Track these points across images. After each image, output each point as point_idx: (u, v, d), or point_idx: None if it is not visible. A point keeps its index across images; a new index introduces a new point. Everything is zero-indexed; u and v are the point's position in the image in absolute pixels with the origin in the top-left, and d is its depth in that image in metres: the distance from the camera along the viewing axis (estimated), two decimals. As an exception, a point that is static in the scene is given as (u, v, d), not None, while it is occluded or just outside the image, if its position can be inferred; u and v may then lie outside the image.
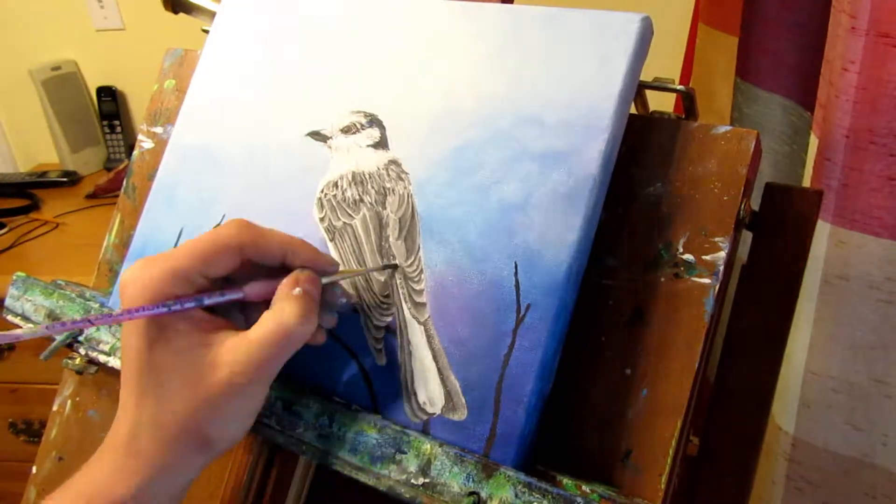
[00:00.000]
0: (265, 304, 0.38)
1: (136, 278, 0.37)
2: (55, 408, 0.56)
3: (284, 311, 0.37)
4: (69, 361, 0.51)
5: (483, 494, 0.37)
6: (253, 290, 0.39)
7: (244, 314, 0.40)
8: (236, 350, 0.36)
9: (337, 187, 0.46)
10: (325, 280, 0.40)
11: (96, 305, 0.50)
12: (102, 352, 0.49)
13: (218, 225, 0.49)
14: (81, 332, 0.49)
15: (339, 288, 0.43)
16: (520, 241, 0.41)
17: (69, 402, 0.56)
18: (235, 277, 0.39)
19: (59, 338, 0.49)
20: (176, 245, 0.49)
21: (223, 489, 0.46)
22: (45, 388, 1.31)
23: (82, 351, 0.49)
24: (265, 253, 0.39)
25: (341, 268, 0.44)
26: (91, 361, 0.50)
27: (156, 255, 0.38)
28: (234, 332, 0.38)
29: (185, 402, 0.36)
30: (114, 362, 0.48)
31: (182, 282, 0.37)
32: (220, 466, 0.47)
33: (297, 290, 0.38)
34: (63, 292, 0.52)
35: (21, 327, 0.47)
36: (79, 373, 0.50)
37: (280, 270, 0.39)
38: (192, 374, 0.36)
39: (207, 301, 0.37)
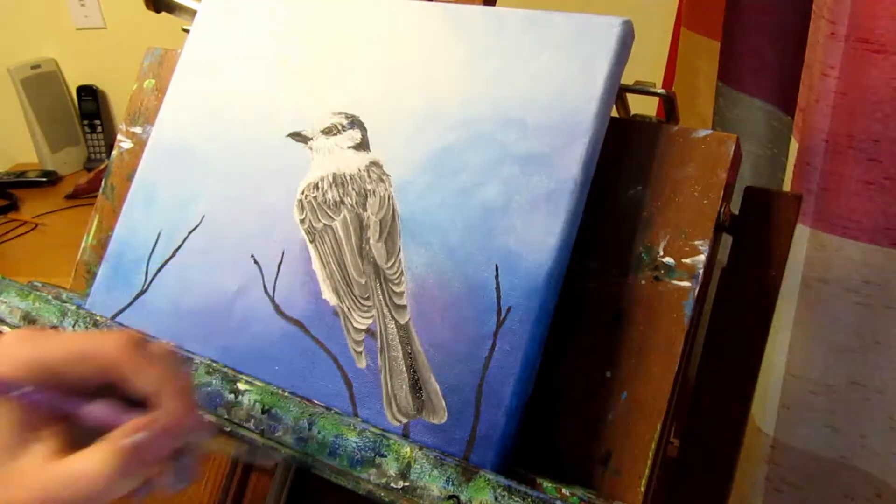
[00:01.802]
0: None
1: (7, 349, 0.34)
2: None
3: (96, 458, 0.32)
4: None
5: (463, 498, 0.37)
6: (93, 410, 0.34)
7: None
8: (38, 479, 0.32)
9: (317, 189, 0.45)
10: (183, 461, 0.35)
11: (73, 307, 0.50)
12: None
13: (195, 228, 0.48)
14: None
15: (189, 460, 0.35)
16: (500, 243, 0.41)
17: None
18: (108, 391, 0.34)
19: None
20: (154, 247, 0.49)
21: (201, 493, 0.46)
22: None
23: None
24: (140, 385, 0.34)
25: None
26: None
27: (44, 332, 0.35)
28: (59, 446, 0.33)
29: None
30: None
31: (45, 373, 0.33)
32: (202, 469, 0.46)
33: (128, 440, 0.32)
34: (39, 294, 0.51)
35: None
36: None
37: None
38: None
39: (28, 393, 0.33)
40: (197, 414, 0.35)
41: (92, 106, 1.68)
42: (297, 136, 0.47)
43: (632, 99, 0.48)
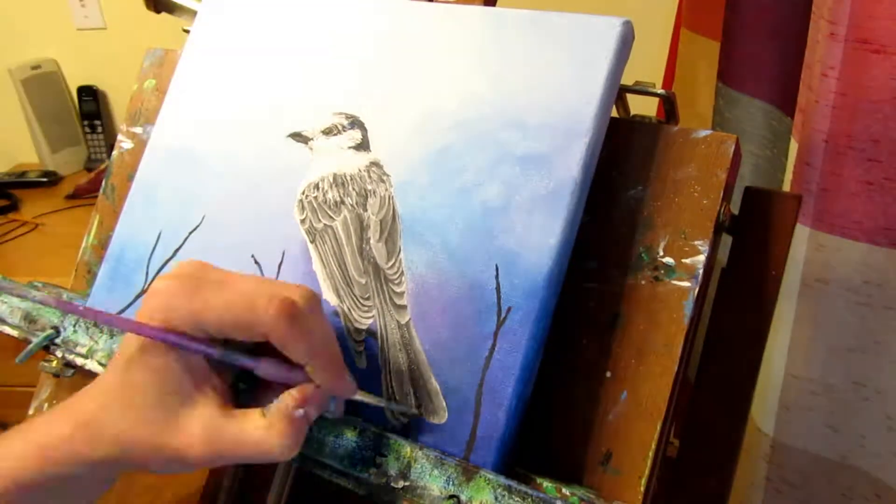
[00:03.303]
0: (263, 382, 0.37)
1: (162, 296, 0.36)
2: (31, 411, 0.56)
3: (275, 429, 0.35)
4: (46, 364, 0.50)
5: (463, 497, 0.37)
6: (266, 369, 0.37)
7: (247, 390, 0.39)
8: (208, 430, 0.35)
9: (318, 189, 0.45)
10: (329, 414, 0.39)
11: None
12: (80, 354, 0.48)
13: (196, 228, 0.48)
14: (59, 334, 0.49)
15: (337, 402, 0.39)
16: (501, 243, 0.41)
17: (46, 405, 0.55)
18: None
19: (35, 340, 0.49)
20: (153, 249, 0.49)
21: (202, 493, 0.46)
22: (22, 391, 1.29)
23: (59, 354, 0.49)
24: (291, 353, 0.36)
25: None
26: (68, 364, 0.49)
27: (194, 280, 0.36)
28: (220, 402, 0.36)
29: (138, 435, 0.35)
30: (91, 365, 0.47)
31: (198, 329, 0.35)
32: (200, 469, 0.46)
33: (300, 412, 0.36)
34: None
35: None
36: (56, 376, 0.50)
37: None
38: (160, 416, 0.35)
39: (216, 355, 0.36)
40: (347, 380, 0.38)
41: (92, 106, 1.68)
42: (298, 137, 0.47)
43: (632, 99, 0.48)
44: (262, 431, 0.35)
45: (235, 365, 0.37)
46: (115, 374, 0.37)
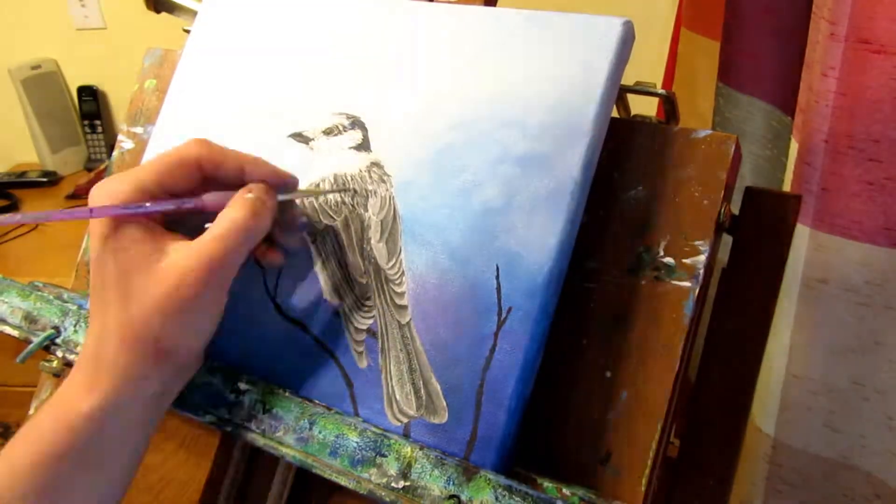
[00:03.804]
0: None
1: (104, 191, 0.38)
2: (32, 411, 0.56)
3: (234, 209, 0.38)
4: (46, 364, 0.50)
5: (464, 497, 0.37)
6: (209, 199, 0.39)
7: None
8: (185, 252, 0.37)
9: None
10: (281, 197, 0.41)
11: (74, 307, 0.50)
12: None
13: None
14: (59, 334, 0.49)
15: (298, 208, 0.44)
16: (501, 243, 0.41)
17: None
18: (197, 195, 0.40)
19: (35, 340, 0.49)
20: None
21: (202, 493, 0.46)
22: (22, 391, 1.29)
23: (59, 353, 0.49)
24: (223, 168, 0.40)
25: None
26: (68, 364, 0.49)
27: (124, 172, 0.39)
28: (183, 238, 0.39)
29: (138, 309, 0.37)
30: (91, 365, 0.47)
31: (145, 195, 0.38)
32: (200, 469, 0.46)
33: (249, 194, 0.39)
34: (40, 294, 0.51)
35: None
36: (56, 375, 0.50)
37: (240, 188, 0.40)
38: (144, 280, 0.37)
39: (161, 207, 0.38)
40: (281, 170, 0.41)
41: (92, 106, 1.69)
42: (299, 137, 0.47)
43: (632, 99, 0.48)
44: (225, 217, 0.38)
45: (182, 210, 0.39)
46: (94, 288, 0.38)
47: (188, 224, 0.41)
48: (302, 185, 0.46)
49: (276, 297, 0.45)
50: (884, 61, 0.51)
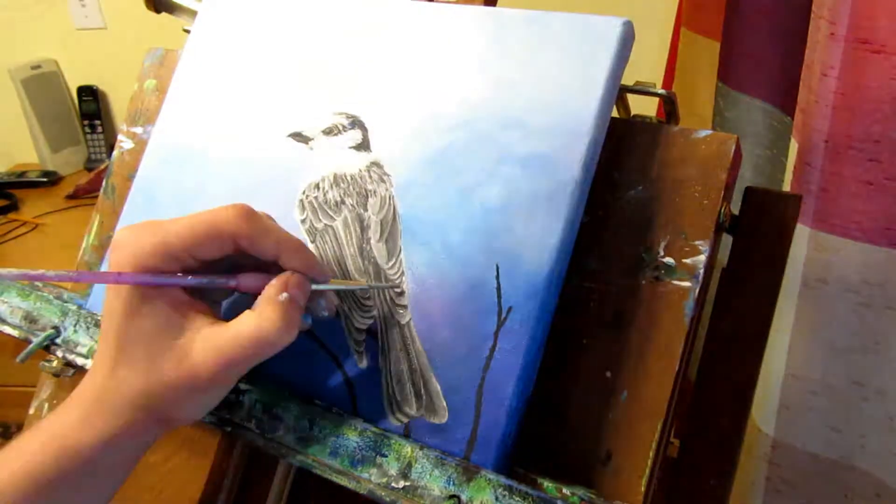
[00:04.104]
0: (250, 296, 0.38)
1: (127, 244, 0.37)
2: (32, 411, 0.56)
3: (265, 316, 0.36)
4: (46, 364, 0.50)
5: (464, 497, 0.37)
6: (246, 281, 0.38)
7: (223, 303, 0.41)
8: (208, 344, 0.36)
9: (318, 189, 0.45)
10: (314, 287, 0.39)
11: (74, 307, 0.50)
12: (80, 354, 0.48)
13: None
14: (59, 334, 0.49)
15: (325, 299, 0.41)
16: (501, 243, 0.41)
17: (46, 405, 0.55)
18: (224, 261, 0.39)
19: (35, 340, 0.49)
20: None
21: (202, 492, 0.46)
22: (22, 390, 1.29)
23: (59, 353, 0.49)
24: (260, 249, 0.38)
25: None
26: (68, 364, 0.49)
27: (151, 223, 0.37)
28: (211, 320, 0.38)
29: (150, 382, 0.36)
30: (91, 365, 0.47)
31: (170, 259, 0.37)
32: (200, 469, 0.46)
33: (284, 295, 0.37)
34: (40, 294, 0.51)
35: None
36: (56, 375, 0.50)
37: (273, 264, 0.39)
38: (162, 355, 0.36)
39: (193, 282, 0.37)
40: (320, 263, 0.40)
41: (92, 106, 1.69)
42: (298, 137, 0.47)
43: (632, 99, 0.48)
44: (254, 322, 0.36)
45: (216, 287, 0.38)
46: (107, 341, 0.38)
47: (215, 293, 0.41)
48: (301, 186, 0.46)
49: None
50: (884, 61, 0.51)
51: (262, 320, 0.36)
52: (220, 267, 0.39)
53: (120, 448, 0.38)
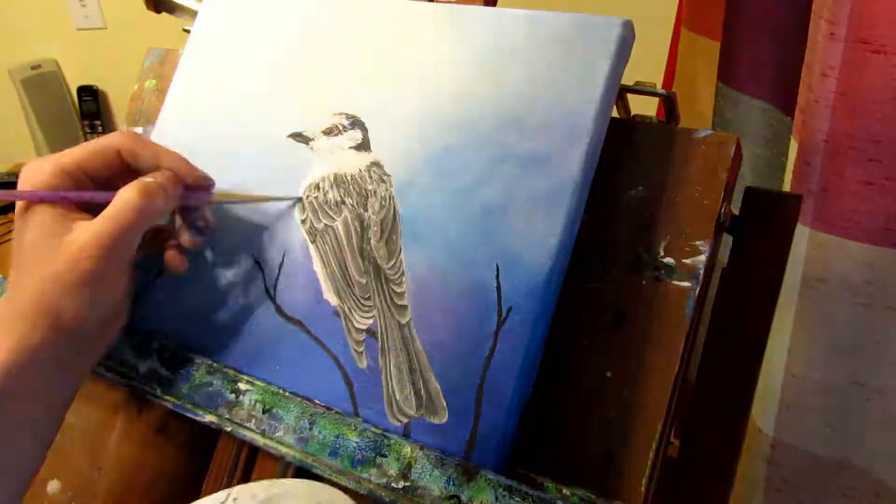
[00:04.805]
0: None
1: (29, 172, 0.41)
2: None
3: (128, 191, 0.40)
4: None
5: (464, 498, 0.37)
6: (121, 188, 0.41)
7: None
8: (83, 230, 0.39)
9: (318, 189, 0.45)
10: (191, 196, 0.44)
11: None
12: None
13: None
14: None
15: (201, 213, 0.46)
16: (501, 243, 0.41)
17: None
18: (118, 184, 0.41)
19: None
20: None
21: (201, 492, 0.46)
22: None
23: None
24: (142, 159, 0.42)
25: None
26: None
27: (51, 155, 0.42)
28: (91, 220, 0.40)
29: (37, 281, 0.39)
30: (91, 365, 0.47)
31: (64, 175, 0.41)
32: (200, 469, 0.46)
33: (148, 179, 0.41)
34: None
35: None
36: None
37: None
38: (47, 254, 0.39)
39: (72, 196, 0.41)
40: (198, 170, 0.44)
41: (92, 106, 1.69)
42: (299, 137, 0.47)
43: (632, 99, 0.48)
44: (120, 197, 0.40)
45: (94, 201, 0.41)
46: (11, 263, 0.40)
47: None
48: (301, 186, 0.46)
49: (276, 298, 0.45)
50: (884, 61, 0.51)
51: (127, 193, 0.40)
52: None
53: (21, 372, 0.38)
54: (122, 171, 0.43)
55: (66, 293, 0.39)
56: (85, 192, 0.42)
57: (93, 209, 0.42)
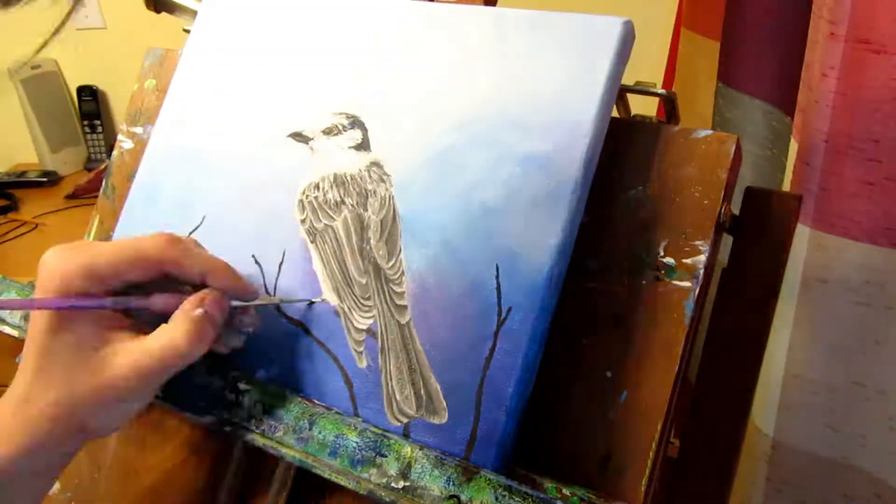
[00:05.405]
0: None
1: (54, 268, 0.38)
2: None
3: (178, 329, 0.38)
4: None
5: (463, 498, 0.37)
6: (158, 301, 0.40)
7: (153, 323, 0.41)
8: (125, 356, 0.38)
9: (318, 189, 0.45)
10: (235, 303, 0.41)
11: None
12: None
13: (196, 228, 0.48)
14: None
15: (248, 315, 0.43)
16: (501, 243, 0.41)
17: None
18: (152, 286, 0.40)
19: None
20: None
21: (202, 492, 0.46)
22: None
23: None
24: (186, 272, 0.40)
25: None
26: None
27: (81, 244, 0.39)
28: (132, 335, 0.39)
29: (66, 394, 0.37)
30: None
31: (96, 281, 0.38)
32: (200, 469, 0.46)
33: (199, 311, 0.39)
34: (40, 294, 0.51)
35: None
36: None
37: (198, 287, 0.40)
38: (82, 368, 0.37)
39: (109, 305, 0.39)
40: (243, 281, 0.42)
41: (92, 106, 1.69)
42: (298, 137, 0.47)
43: (632, 99, 0.48)
44: (167, 334, 0.38)
45: (132, 309, 0.40)
46: (29, 355, 0.38)
47: (143, 314, 0.41)
48: (301, 186, 0.46)
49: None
50: (884, 61, 0.51)
51: (175, 332, 0.38)
52: (150, 289, 0.40)
53: (38, 459, 0.38)
54: (160, 276, 0.40)
55: (100, 410, 0.38)
56: (121, 299, 0.39)
57: (136, 314, 0.41)
